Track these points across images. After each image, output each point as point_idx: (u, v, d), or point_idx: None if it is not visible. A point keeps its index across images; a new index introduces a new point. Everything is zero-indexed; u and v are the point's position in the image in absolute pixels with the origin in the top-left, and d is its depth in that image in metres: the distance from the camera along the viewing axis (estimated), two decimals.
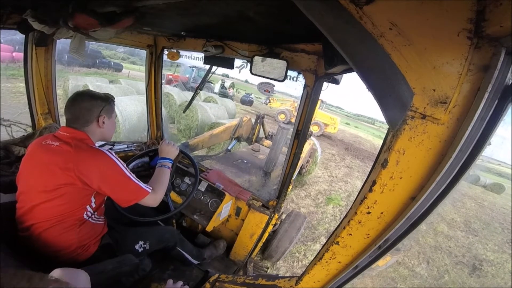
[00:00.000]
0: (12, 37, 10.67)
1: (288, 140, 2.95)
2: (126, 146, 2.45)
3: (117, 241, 1.40)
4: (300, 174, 5.97)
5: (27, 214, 1.13)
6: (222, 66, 2.06)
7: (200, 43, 1.91)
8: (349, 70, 1.32)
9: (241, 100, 19.31)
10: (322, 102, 16.45)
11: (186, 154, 1.91)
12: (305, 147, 1.95)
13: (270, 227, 2.11)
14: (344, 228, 0.74)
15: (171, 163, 1.60)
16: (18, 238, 1.15)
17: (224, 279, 1.24)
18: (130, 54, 31.60)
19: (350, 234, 0.73)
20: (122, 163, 1.21)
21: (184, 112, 7.44)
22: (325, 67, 1.40)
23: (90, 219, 1.25)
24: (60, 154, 1.11)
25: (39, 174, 1.12)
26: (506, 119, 0.55)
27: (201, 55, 2.01)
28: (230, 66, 1.97)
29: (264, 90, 1.88)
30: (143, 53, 2.33)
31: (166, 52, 2.22)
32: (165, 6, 1.10)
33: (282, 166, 1.99)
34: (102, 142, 2.17)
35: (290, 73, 1.60)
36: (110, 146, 2.32)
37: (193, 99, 3.06)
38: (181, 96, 9.88)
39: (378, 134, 28.60)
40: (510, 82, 0.51)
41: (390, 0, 0.54)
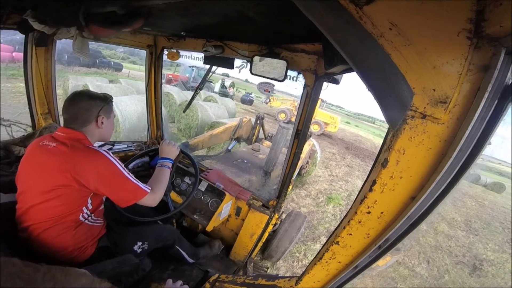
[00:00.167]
0: (12, 37, 10.67)
1: (288, 140, 2.95)
2: (126, 146, 2.45)
3: (115, 242, 1.40)
4: (299, 175, 5.96)
5: (25, 215, 1.13)
6: (222, 66, 2.06)
7: (200, 43, 1.91)
8: (349, 70, 1.32)
9: (241, 99, 19.32)
10: (323, 101, 16.45)
11: (187, 154, 1.91)
12: (304, 148, 1.95)
13: (270, 227, 2.11)
14: (344, 228, 0.74)
15: (171, 163, 1.60)
16: (18, 239, 1.15)
17: (224, 279, 1.24)
18: (130, 54, 31.64)
19: (350, 234, 0.73)
20: (119, 163, 1.20)
21: (184, 111, 7.44)
22: (325, 67, 1.40)
23: (87, 221, 1.25)
24: (56, 155, 1.11)
25: (37, 175, 1.12)
26: (506, 119, 0.55)
27: (201, 55, 2.01)
28: (230, 66, 1.97)
29: (264, 90, 1.88)
30: (143, 53, 2.33)
31: (166, 52, 2.22)
32: (165, 6, 1.10)
33: (282, 166, 1.99)
34: (102, 142, 2.17)
35: (290, 73, 1.60)
36: (110, 146, 2.32)
37: (193, 99, 3.06)
38: (181, 95, 9.88)
39: (379, 133, 28.59)
40: (510, 82, 0.51)
41: (390, 0, 0.54)
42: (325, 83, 1.61)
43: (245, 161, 3.99)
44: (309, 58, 1.57)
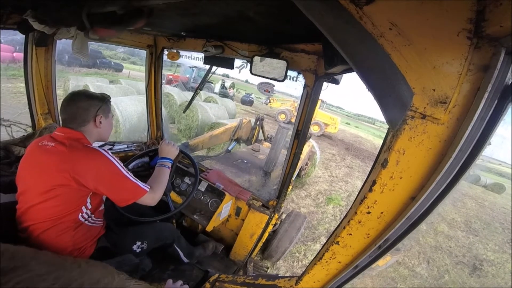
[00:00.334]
0: (12, 37, 10.69)
1: (288, 141, 2.94)
2: (126, 146, 2.45)
3: (114, 243, 1.40)
4: (298, 176, 5.93)
5: (25, 215, 1.13)
6: (222, 66, 2.06)
7: (200, 43, 1.91)
8: (349, 70, 1.32)
9: (241, 100, 19.30)
10: (323, 102, 16.45)
11: (186, 154, 1.91)
12: (304, 149, 1.95)
13: (270, 227, 2.11)
14: (344, 228, 0.74)
15: (171, 163, 1.60)
16: (18, 239, 1.15)
17: (224, 279, 1.23)
18: (130, 54, 31.67)
19: (350, 234, 0.73)
20: (119, 162, 1.20)
21: (184, 112, 7.44)
22: (325, 67, 1.40)
23: (87, 222, 1.25)
24: (55, 154, 1.11)
25: (36, 175, 1.12)
26: (506, 119, 0.54)
27: (201, 55, 2.01)
28: (230, 66, 1.97)
29: (264, 90, 1.88)
30: (143, 53, 2.33)
31: (166, 52, 2.22)
32: (165, 6, 1.10)
33: (282, 166, 1.99)
34: (101, 143, 2.17)
35: (290, 73, 1.60)
36: (110, 146, 2.32)
37: (193, 99, 3.06)
38: (181, 96, 9.89)
39: (379, 134, 28.58)
40: (510, 82, 0.51)
41: (390, 0, 0.54)
42: (325, 83, 1.61)
43: (245, 161, 3.99)
44: (309, 58, 1.57)
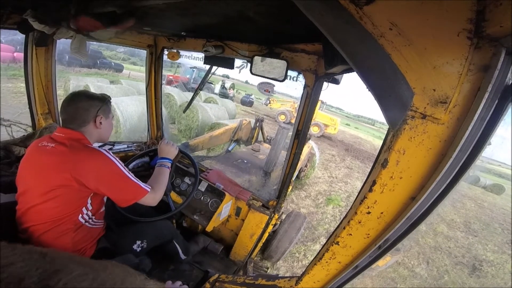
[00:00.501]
0: (13, 37, 10.69)
1: (287, 142, 2.94)
2: (126, 146, 2.45)
3: (114, 243, 1.39)
4: (298, 178, 5.91)
5: (25, 216, 1.13)
6: (222, 66, 2.06)
7: (200, 43, 1.91)
8: (349, 70, 1.32)
9: (241, 101, 19.29)
10: (322, 103, 16.43)
11: (186, 153, 1.90)
12: (303, 150, 1.95)
13: (270, 227, 2.11)
14: (344, 228, 0.74)
15: (170, 163, 1.60)
16: (18, 239, 1.15)
17: (224, 279, 1.23)
18: (130, 55, 31.70)
19: (350, 234, 0.73)
20: (120, 163, 1.20)
21: (184, 112, 7.45)
22: (325, 67, 1.40)
23: (87, 223, 1.24)
24: (55, 155, 1.10)
25: (36, 176, 1.12)
26: (506, 119, 0.54)
27: (201, 55, 2.01)
28: (230, 66, 1.97)
29: (264, 90, 1.88)
30: (143, 53, 2.33)
31: (166, 52, 2.22)
32: (165, 6, 1.10)
33: (282, 166, 1.99)
34: (101, 143, 2.17)
35: (290, 73, 1.61)
36: (110, 146, 2.32)
37: (193, 99, 3.06)
38: (181, 96, 9.90)
39: (378, 135, 28.58)
40: (510, 82, 0.51)
41: (390, 0, 0.54)
42: (325, 83, 1.61)
43: (245, 161, 3.99)
44: (309, 58, 1.57)
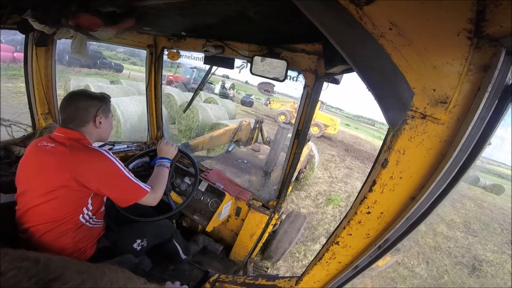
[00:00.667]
0: (13, 37, 10.69)
1: (288, 141, 2.94)
2: (126, 146, 2.45)
3: (114, 242, 1.39)
4: (297, 179, 5.88)
5: (25, 216, 1.12)
6: (222, 66, 2.06)
7: (200, 43, 1.91)
8: (349, 70, 1.32)
9: (241, 101, 19.29)
10: (322, 103, 16.43)
11: (185, 153, 1.90)
12: (303, 151, 1.95)
13: (270, 227, 2.11)
14: (344, 228, 0.74)
15: (170, 163, 1.60)
16: (18, 239, 1.14)
17: (224, 279, 1.23)
18: (130, 55, 31.71)
19: (350, 234, 0.73)
20: (120, 163, 1.19)
21: (184, 112, 7.45)
22: (325, 67, 1.40)
23: (88, 223, 1.24)
24: (55, 155, 1.10)
25: (36, 176, 1.11)
26: (506, 119, 0.54)
27: (201, 55, 2.01)
28: (230, 66, 1.97)
29: (264, 90, 1.88)
30: (143, 53, 2.33)
31: (166, 52, 2.22)
32: (165, 6, 1.10)
33: (282, 166, 1.99)
34: (101, 143, 2.17)
35: (290, 73, 1.61)
36: (110, 146, 2.32)
37: (193, 99, 3.06)
38: (181, 96, 9.91)
39: (378, 135, 28.59)
40: (510, 82, 0.51)
41: (390, 0, 0.54)
42: (325, 83, 1.61)
43: (245, 161, 3.98)
44: (309, 58, 1.57)
